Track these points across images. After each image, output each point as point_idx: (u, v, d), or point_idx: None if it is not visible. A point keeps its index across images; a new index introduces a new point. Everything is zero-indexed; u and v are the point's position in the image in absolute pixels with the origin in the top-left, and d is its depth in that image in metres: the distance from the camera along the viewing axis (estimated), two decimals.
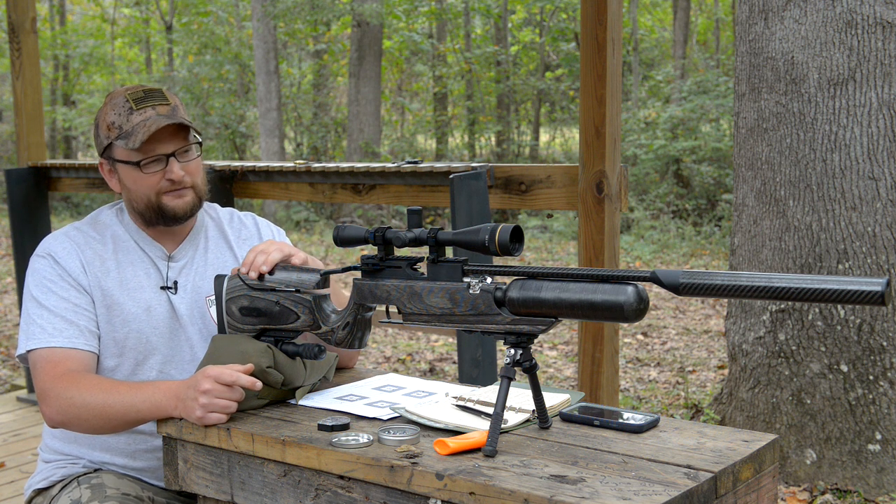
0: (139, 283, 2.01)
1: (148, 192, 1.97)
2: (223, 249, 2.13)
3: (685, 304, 7.66)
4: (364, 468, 1.51)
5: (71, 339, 1.92)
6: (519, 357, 1.53)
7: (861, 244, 3.64)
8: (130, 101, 1.96)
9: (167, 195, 1.98)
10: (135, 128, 1.93)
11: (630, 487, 1.35)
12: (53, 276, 1.96)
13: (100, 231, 2.05)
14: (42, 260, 1.98)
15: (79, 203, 16.19)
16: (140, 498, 1.96)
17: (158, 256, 2.05)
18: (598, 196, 2.86)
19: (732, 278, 1.35)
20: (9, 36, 4.77)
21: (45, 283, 1.96)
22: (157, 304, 2.01)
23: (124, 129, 1.94)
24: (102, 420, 1.84)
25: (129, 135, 1.93)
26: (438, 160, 15.28)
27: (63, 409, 1.85)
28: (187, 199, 2.00)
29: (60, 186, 4.71)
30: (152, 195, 1.97)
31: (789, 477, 3.73)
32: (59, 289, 1.95)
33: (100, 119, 2.00)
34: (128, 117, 1.95)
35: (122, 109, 1.96)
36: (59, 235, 2.02)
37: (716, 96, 12.35)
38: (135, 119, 1.94)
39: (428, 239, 1.63)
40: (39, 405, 1.91)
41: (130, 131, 1.93)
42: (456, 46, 16.37)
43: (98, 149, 2.03)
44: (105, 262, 2.00)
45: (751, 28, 3.92)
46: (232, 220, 2.18)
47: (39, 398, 1.90)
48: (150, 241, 2.05)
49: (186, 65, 18.35)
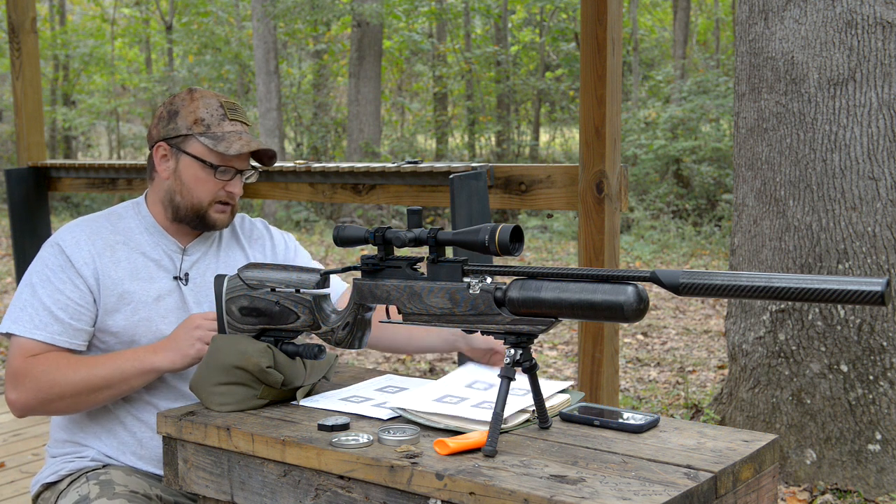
0: (150, 274, 2.04)
1: (203, 196, 2.04)
2: (235, 250, 2.18)
3: (685, 304, 7.66)
4: (364, 468, 1.51)
5: (53, 335, 1.95)
6: (519, 357, 1.53)
7: (861, 244, 3.64)
8: (225, 108, 2.05)
9: (217, 205, 2.06)
10: (227, 135, 2.02)
11: (630, 487, 1.35)
12: (55, 267, 1.98)
13: (113, 222, 2.08)
14: (50, 248, 2.02)
15: (79, 203, 16.19)
16: (148, 496, 1.97)
17: (173, 249, 2.09)
18: (598, 196, 2.86)
19: (732, 278, 1.35)
20: (9, 36, 4.77)
21: (46, 271, 1.99)
22: (168, 294, 2.04)
23: (213, 130, 2.02)
24: (85, 392, 1.91)
25: (220, 139, 2.01)
26: (438, 160, 15.28)
27: (40, 389, 1.90)
28: (228, 216, 2.10)
29: (60, 186, 4.71)
30: (206, 200, 2.05)
31: (789, 477, 3.73)
32: (57, 280, 1.97)
33: (181, 108, 2.04)
34: (220, 122, 2.03)
35: (214, 112, 2.04)
36: (72, 225, 2.06)
37: (716, 96, 12.36)
38: (226, 127, 2.03)
39: (428, 239, 1.63)
40: (6, 393, 1.94)
41: (222, 136, 2.02)
42: (456, 46, 16.37)
43: (163, 133, 2.06)
44: (116, 253, 2.03)
45: (751, 28, 3.92)
46: (243, 223, 2.25)
47: (9, 382, 1.93)
48: (166, 234, 2.09)
49: (186, 65, 18.36)
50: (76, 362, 1.92)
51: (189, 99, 2.05)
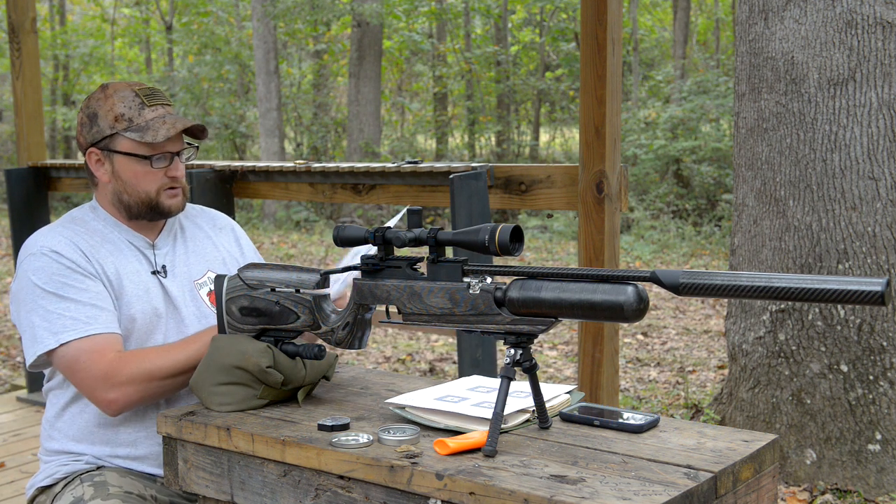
0: (133, 268, 2.04)
1: (148, 188, 2.02)
2: (201, 237, 2.18)
3: (685, 304, 7.66)
4: (364, 468, 1.51)
5: (107, 324, 1.92)
6: (519, 357, 1.53)
7: (861, 244, 3.64)
8: (141, 96, 2.00)
9: (167, 192, 2.04)
10: (150, 123, 1.98)
11: (630, 487, 1.35)
12: (63, 270, 1.94)
13: (81, 225, 2.06)
14: (43, 258, 1.95)
15: (79, 203, 16.19)
16: (143, 496, 1.97)
17: (143, 245, 2.08)
18: (598, 196, 2.86)
19: (732, 278, 1.35)
20: (9, 36, 4.77)
21: (57, 277, 1.93)
22: (153, 287, 2.05)
23: (136, 122, 1.98)
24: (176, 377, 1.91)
25: (145, 129, 1.97)
26: (438, 160, 15.28)
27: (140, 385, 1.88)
28: (181, 199, 2.07)
29: (60, 186, 4.71)
30: (152, 190, 2.02)
31: (789, 477, 3.73)
32: (73, 280, 1.94)
33: (99, 109, 2.00)
34: (139, 112, 1.98)
35: (132, 103, 1.99)
36: (47, 232, 2.01)
37: (716, 96, 12.36)
38: (148, 115, 1.98)
39: (428, 239, 1.63)
40: (98, 395, 1.88)
41: (146, 125, 1.97)
42: (456, 46, 16.37)
43: (89, 139, 2.02)
44: (99, 251, 2.01)
45: (751, 28, 3.92)
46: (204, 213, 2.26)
47: (100, 387, 1.87)
48: (132, 231, 2.08)
49: (186, 65, 18.36)
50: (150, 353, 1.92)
51: (104, 97, 2.01)
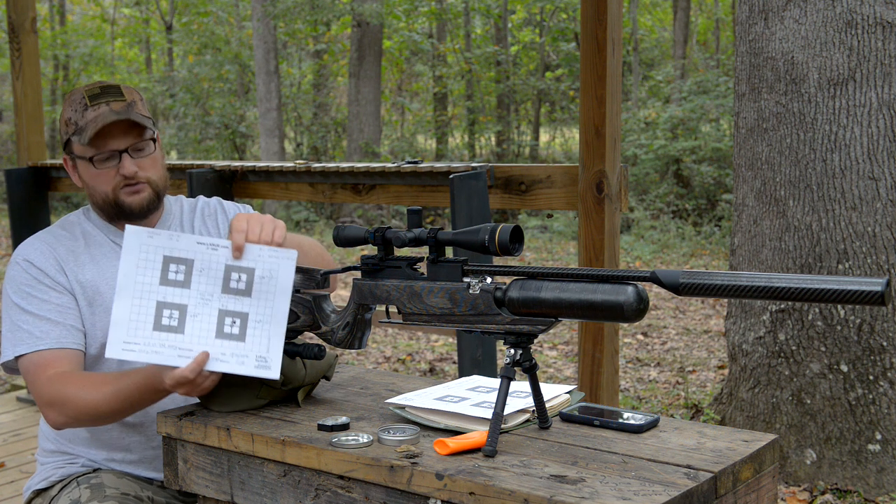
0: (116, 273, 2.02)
1: (104, 188, 2.00)
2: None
3: (685, 304, 7.66)
4: (364, 468, 1.51)
5: (59, 339, 1.93)
6: (519, 357, 1.53)
7: (861, 244, 3.64)
8: (86, 97, 1.98)
9: (123, 191, 2.00)
10: (87, 124, 1.96)
11: (630, 487, 1.35)
12: (31, 281, 1.96)
13: (69, 230, 2.07)
14: (17, 266, 1.99)
15: (79, 203, 16.17)
16: (139, 498, 1.96)
17: None
18: (598, 196, 2.86)
19: (732, 278, 1.35)
20: (9, 36, 4.77)
21: (24, 288, 1.96)
22: None
23: (79, 125, 1.97)
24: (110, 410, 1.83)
25: (84, 130, 1.95)
26: (438, 160, 15.28)
27: (70, 411, 1.84)
28: (143, 195, 2.01)
29: (60, 186, 4.71)
30: (109, 191, 2.00)
31: (789, 477, 3.73)
32: (38, 292, 1.96)
33: (61, 116, 2.03)
34: (83, 113, 1.97)
35: (78, 106, 1.98)
36: (31, 240, 2.04)
37: (716, 96, 12.35)
38: (88, 115, 1.96)
39: (428, 239, 1.63)
40: (42, 411, 1.90)
41: (84, 127, 1.96)
42: (456, 46, 16.37)
43: (61, 147, 2.06)
44: (79, 257, 2.02)
45: (751, 28, 3.92)
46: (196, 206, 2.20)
47: (40, 405, 1.89)
48: (120, 233, 2.06)
49: (186, 65, 18.35)
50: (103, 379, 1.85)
51: (64, 103, 2.02)
